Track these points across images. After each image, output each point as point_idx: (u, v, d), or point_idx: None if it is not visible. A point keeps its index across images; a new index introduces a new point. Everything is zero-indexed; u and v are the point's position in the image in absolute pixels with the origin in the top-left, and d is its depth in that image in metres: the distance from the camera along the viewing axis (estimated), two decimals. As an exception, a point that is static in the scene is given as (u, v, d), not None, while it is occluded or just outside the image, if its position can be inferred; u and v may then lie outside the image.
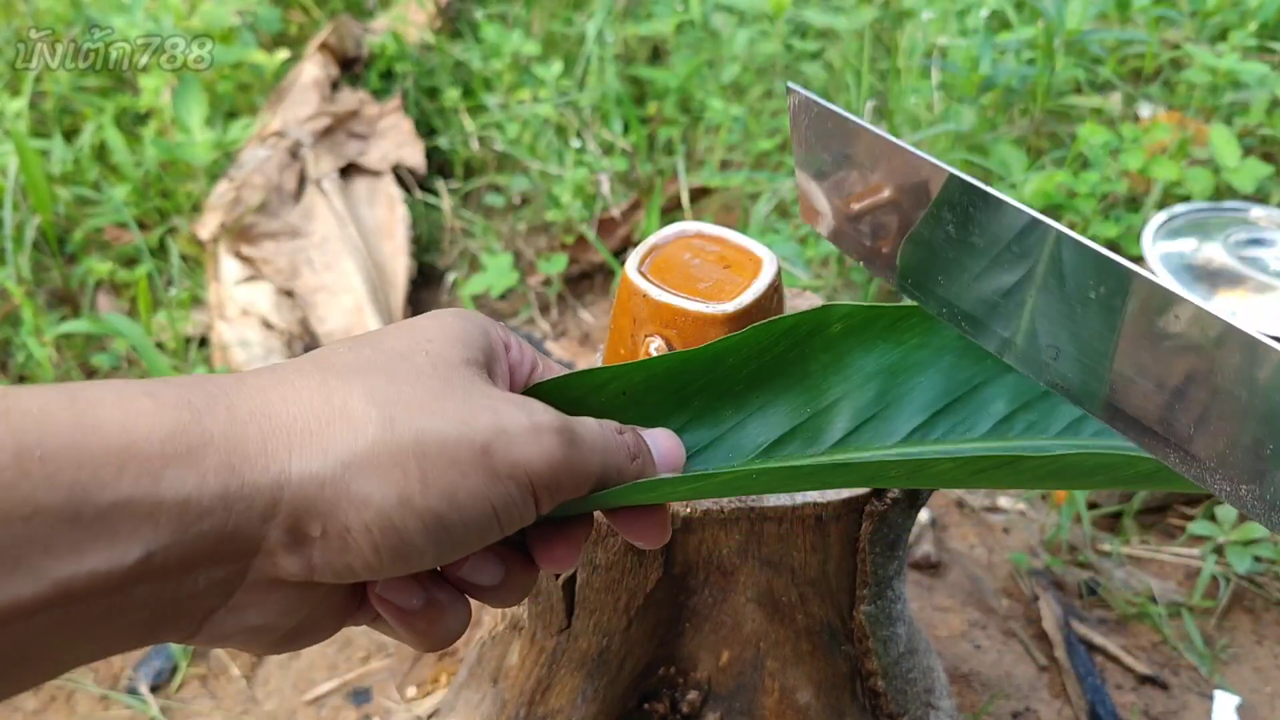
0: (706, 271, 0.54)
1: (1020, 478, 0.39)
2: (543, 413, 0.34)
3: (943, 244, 0.38)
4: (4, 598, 0.24)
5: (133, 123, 1.73)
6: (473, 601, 0.37)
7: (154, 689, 0.99)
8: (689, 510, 0.56)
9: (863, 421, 0.44)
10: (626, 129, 1.75)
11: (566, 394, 0.41)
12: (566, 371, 0.42)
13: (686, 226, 0.58)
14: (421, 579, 0.35)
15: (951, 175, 0.36)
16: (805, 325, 0.44)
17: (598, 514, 0.40)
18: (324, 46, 1.85)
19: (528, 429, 0.33)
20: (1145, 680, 0.99)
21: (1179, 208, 1.29)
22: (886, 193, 0.39)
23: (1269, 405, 0.27)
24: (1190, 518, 1.15)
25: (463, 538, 0.32)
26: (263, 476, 0.28)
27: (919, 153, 0.37)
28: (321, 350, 0.34)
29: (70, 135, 1.68)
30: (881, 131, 0.38)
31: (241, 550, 0.29)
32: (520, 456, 0.32)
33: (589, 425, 0.36)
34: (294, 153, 1.62)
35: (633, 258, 0.55)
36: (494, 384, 0.36)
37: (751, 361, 0.43)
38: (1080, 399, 0.35)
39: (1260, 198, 1.37)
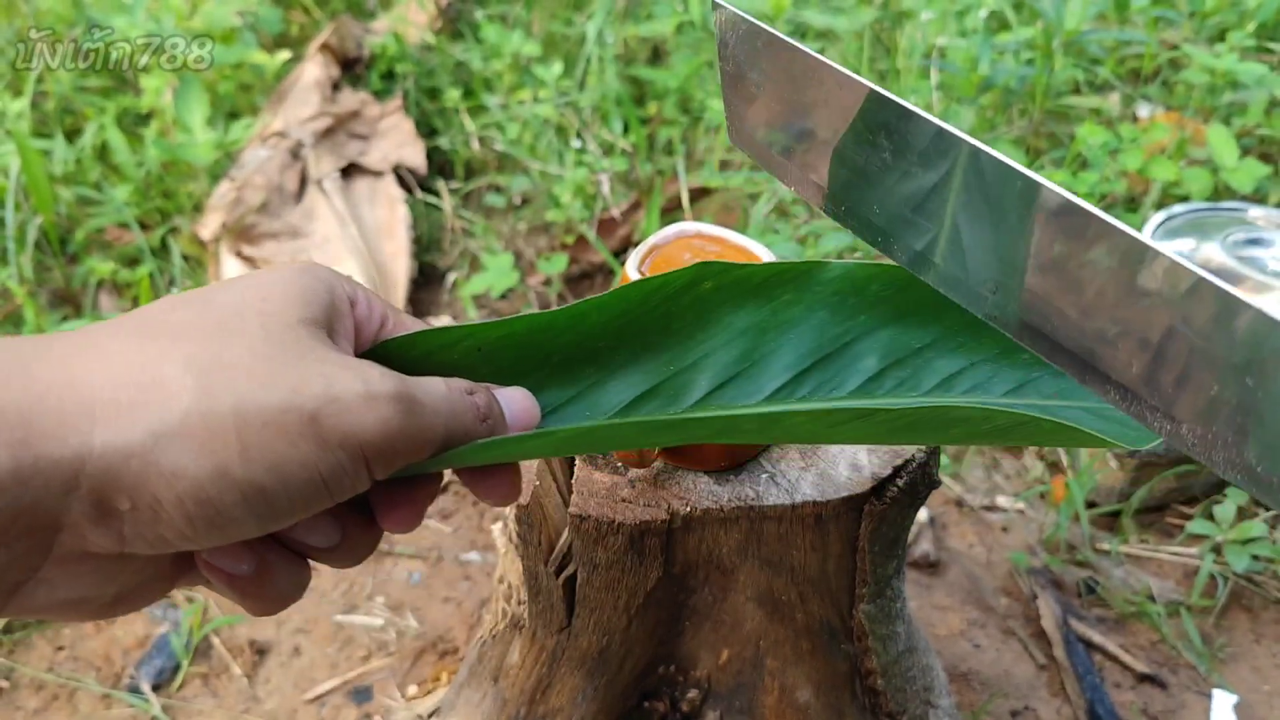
0: None
1: (876, 431, 0.39)
2: (380, 379, 0.32)
3: (872, 166, 0.37)
4: None
5: (134, 123, 1.73)
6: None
7: (156, 688, 0.99)
8: (689, 509, 0.56)
9: (727, 379, 0.43)
10: (626, 129, 1.76)
11: (416, 351, 0.40)
12: (419, 328, 0.40)
13: (686, 226, 0.59)
14: (252, 543, 0.33)
15: (874, 92, 0.35)
16: (675, 283, 0.43)
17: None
18: (325, 47, 1.85)
19: (362, 396, 0.31)
20: (1144, 679, 1.00)
21: (1177, 208, 1.29)
22: (814, 113, 0.38)
23: (1180, 320, 0.27)
24: (1189, 517, 1.15)
25: (288, 507, 0.31)
26: (60, 449, 0.27)
27: (847, 71, 0.36)
28: (148, 307, 0.32)
29: (72, 135, 1.68)
30: (809, 49, 0.37)
31: (42, 525, 0.28)
32: (353, 425, 0.31)
33: (434, 388, 0.34)
34: (295, 153, 1.63)
35: (633, 258, 0.56)
36: (334, 344, 0.34)
37: (616, 320, 0.42)
38: (1015, 332, 0.34)
39: (1258, 198, 1.37)
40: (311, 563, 0.36)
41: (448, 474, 0.39)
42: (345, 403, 0.31)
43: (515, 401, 0.39)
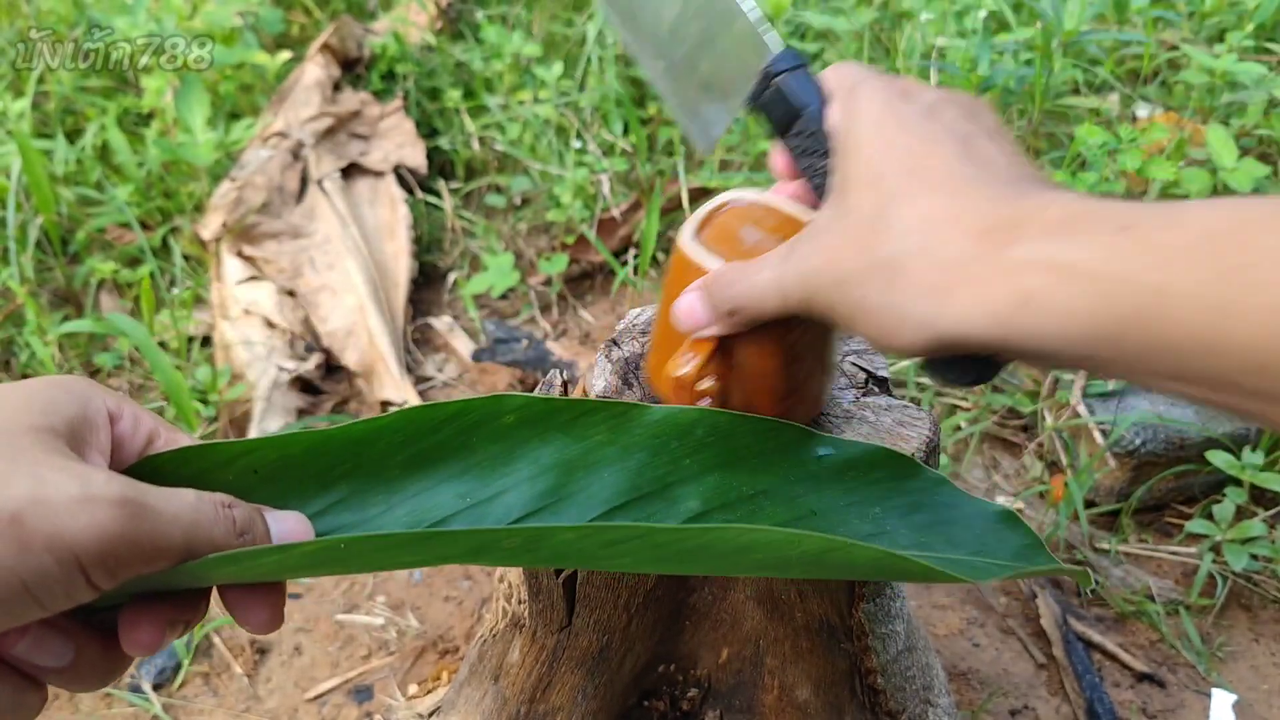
0: (764, 244, 0.48)
1: (656, 554, 0.37)
2: (104, 484, 0.31)
3: None
4: None
5: (135, 123, 1.73)
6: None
7: (157, 687, 0.99)
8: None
9: (529, 514, 0.41)
10: (627, 130, 1.76)
11: (188, 468, 0.38)
12: (189, 444, 0.39)
13: (741, 195, 0.53)
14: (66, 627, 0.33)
15: None
16: (472, 413, 0.41)
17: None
18: (326, 47, 1.86)
19: (75, 499, 0.30)
20: (1143, 678, 1.00)
21: (1177, 208, 1.29)
22: None
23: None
24: (1187, 516, 1.15)
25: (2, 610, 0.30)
26: None
27: None
28: None
29: (73, 136, 1.69)
30: None
31: None
32: (59, 528, 0.30)
33: (178, 496, 0.33)
34: (296, 153, 1.63)
35: (688, 228, 0.51)
36: (75, 455, 0.33)
37: (407, 446, 0.41)
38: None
39: (1258, 198, 1.37)
40: (50, 689, 0.35)
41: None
42: (53, 504, 0.30)
43: (288, 525, 0.37)
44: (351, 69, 1.93)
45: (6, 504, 0.29)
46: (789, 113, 0.46)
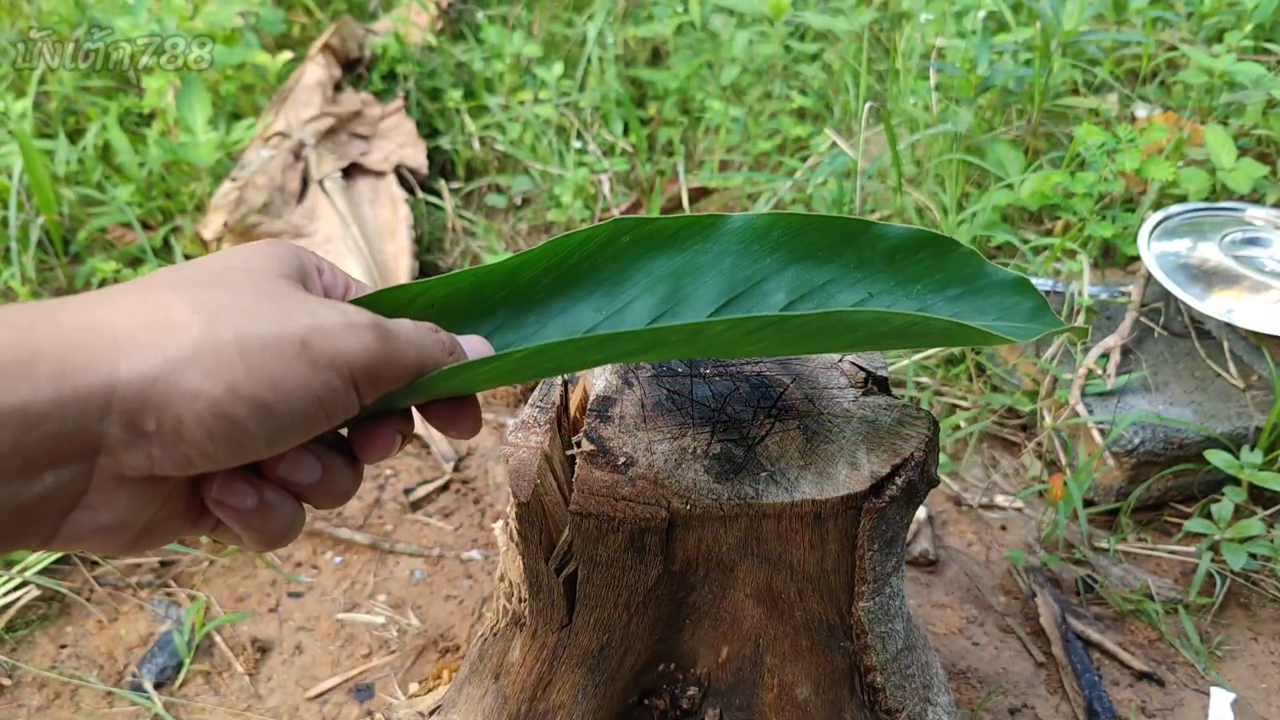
0: None
1: (787, 338, 0.45)
2: (356, 312, 0.37)
3: None
4: None
5: (136, 123, 1.74)
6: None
7: (158, 685, 0.99)
8: (688, 507, 0.56)
9: (656, 317, 0.49)
10: (627, 130, 1.76)
11: (380, 308, 0.43)
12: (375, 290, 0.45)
13: None
14: (252, 480, 0.38)
15: None
16: (597, 238, 0.48)
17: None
18: (327, 48, 1.86)
19: (343, 325, 0.35)
20: (1142, 676, 1.00)
21: (1175, 208, 1.29)
22: None
23: None
24: (1186, 515, 1.15)
25: (290, 424, 0.34)
26: (93, 379, 0.30)
27: None
28: (147, 275, 0.36)
29: (74, 136, 1.69)
30: None
31: (83, 449, 0.31)
32: (339, 349, 0.35)
33: (404, 323, 0.39)
34: (297, 153, 1.63)
35: None
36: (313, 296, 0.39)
37: (549, 273, 0.48)
38: None
39: (1256, 198, 1.37)
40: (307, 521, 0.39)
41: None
42: (329, 330, 0.35)
43: (473, 344, 0.43)
44: (352, 69, 1.93)
45: (295, 330, 0.34)
46: None
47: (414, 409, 0.43)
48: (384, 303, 0.44)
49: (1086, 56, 1.63)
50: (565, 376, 0.65)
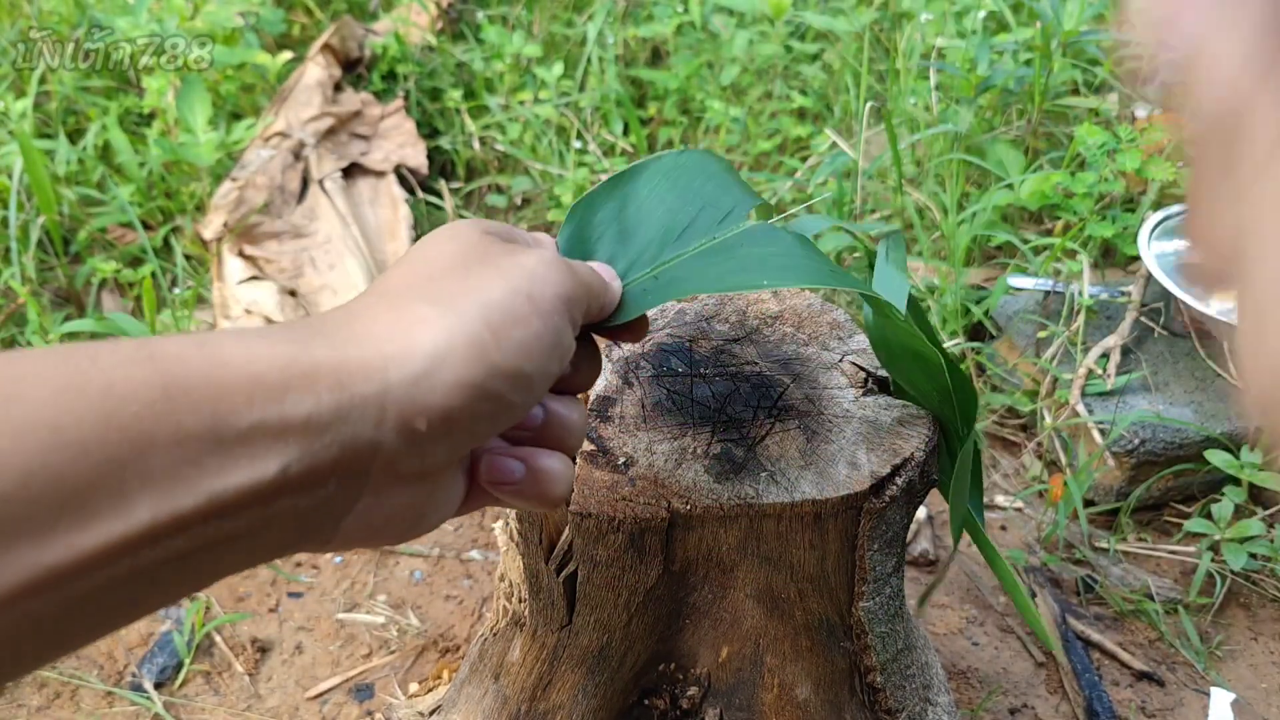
0: None
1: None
2: (544, 249, 0.41)
3: None
4: (169, 510, 0.28)
5: (137, 123, 1.74)
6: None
7: (158, 685, 0.99)
8: (688, 507, 0.56)
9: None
10: (627, 130, 1.76)
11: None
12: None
13: None
14: (513, 450, 0.41)
15: None
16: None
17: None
18: (327, 48, 1.86)
19: (544, 261, 0.39)
20: (1142, 676, 1.00)
21: (1175, 208, 1.29)
22: None
23: None
24: (1186, 515, 1.15)
25: (540, 380, 0.37)
26: (367, 387, 0.32)
27: None
28: (372, 285, 0.39)
29: (74, 136, 1.69)
30: None
31: (363, 456, 0.32)
32: (554, 286, 0.38)
33: (568, 259, 0.42)
34: (297, 153, 1.63)
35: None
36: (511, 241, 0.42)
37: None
38: None
39: (1257, 198, 1.37)
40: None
41: None
42: (540, 274, 0.38)
43: (605, 269, 0.48)
44: (352, 69, 1.93)
45: (520, 285, 0.37)
46: None
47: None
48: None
49: (1087, 56, 1.63)
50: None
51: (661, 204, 0.52)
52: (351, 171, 1.67)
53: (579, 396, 0.47)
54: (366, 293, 0.38)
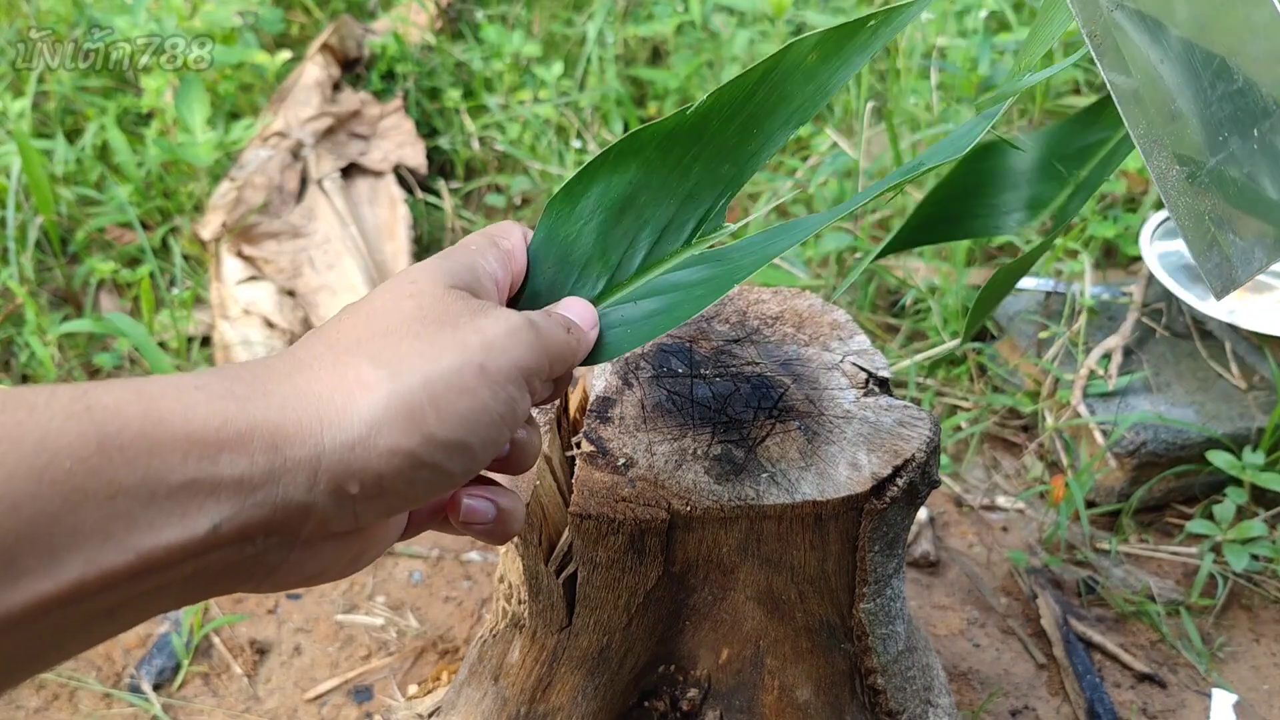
0: None
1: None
2: (511, 315, 0.39)
3: None
4: (98, 567, 0.28)
5: (135, 123, 1.73)
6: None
7: (156, 687, 0.99)
8: (689, 508, 0.56)
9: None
10: (627, 129, 1.76)
11: (565, 211, 0.48)
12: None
13: None
14: (486, 492, 0.41)
15: None
16: (781, 67, 0.46)
17: None
18: (325, 47, 1.86)
19: (506, 333, 0.38)
20: (1143, 678, 1.00)
21: (1177, 208, 1.29)
22: None
23: None
24: (1188, 516, 1.15)
25: (484, 451, 0.37)
26: (301, 450, 0.32)
27: None
28: (324, 327, 0.38)
29: (73, 135, 1.68)
30: None
31: (294, 517, 0.32)
32: (510, 360, 0.37)
33: (533, 316, 0.41)
34: (296, 153, 1.63)
35: None
36: (479, 296, 0.41)
37: (734, 118, 0.46)
38: None
39: (1258, 198, 1.37)
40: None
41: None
42: (500, 345, 0.37)
43: (575, 308, 0.46)
44: (351, 69, 1.93)
45: (472, 358, 0.36)
46: None
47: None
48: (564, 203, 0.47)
49: (1088, 56, 1.62)
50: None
51: (646, 192, 0.48)
52: (350, 171, 1.67)
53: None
54: (315, 338, 0.37)
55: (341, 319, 0.38)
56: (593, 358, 0.45)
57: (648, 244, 0.48)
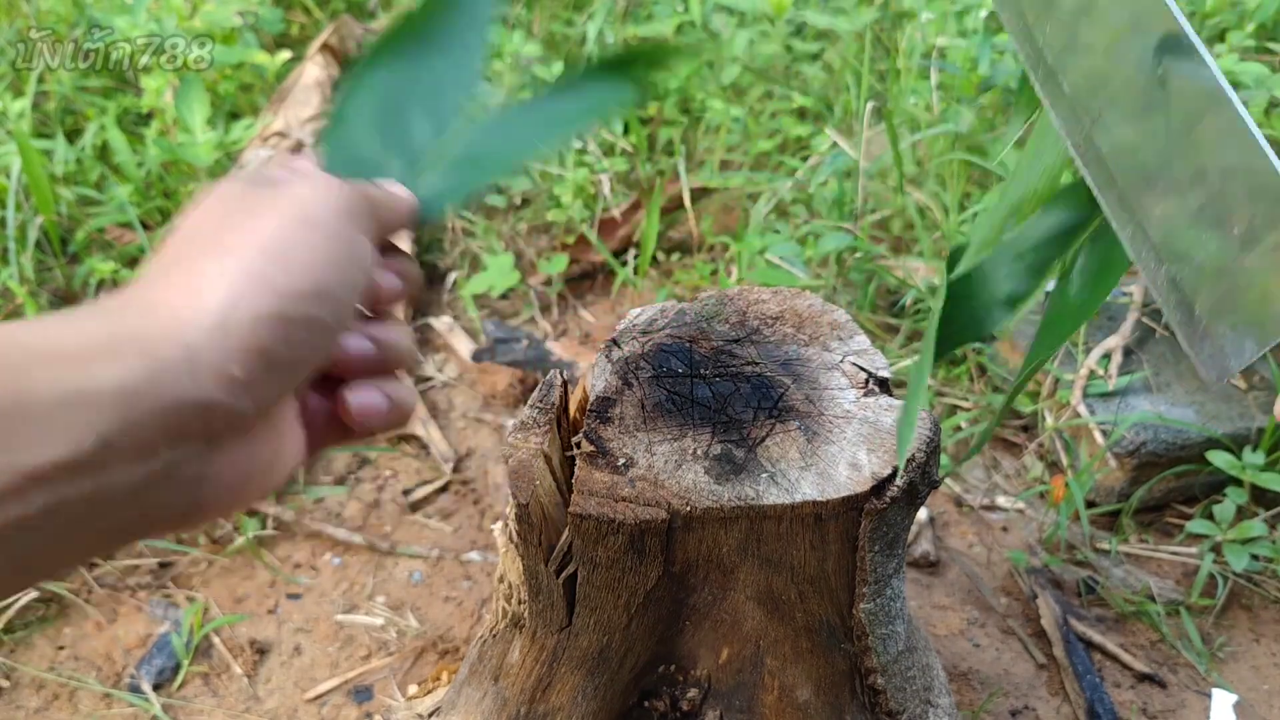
0: None
1: None
2: (316, 172, 0.41)
3: None
4: None
5: (135, 123, 1.73)
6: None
7: (156, 687, 0.99)
8: (689, 508, 0.56)
9: None
10: (627, 130, 1.76)
11: None
12: None
13: None
14: (376, 384, 0.41)
15: None
16: None
17: None
18: (326, 47, 1.85)
19: (317, 184, 0.39)
20: (1143, 678, 1.00)
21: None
22: None
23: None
24: (1188, 516, 1.15)
25: (346, 292, 0.38)
26: (173, 349, 0.32)
27: None
28: (156, 255, 0.38)
29: (73, 135, 1.68)
30: None
31: (190, 416, 0.32)
32: (327, 205, 0.38)
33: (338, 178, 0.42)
34: (296, 153, 1.63)
35: None
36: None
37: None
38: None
39: (1258, 198, 1.37)
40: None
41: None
42: (310, 196, 0.38)
43: (385, 182, 0.45)
44: (351, 69, 1.93)
45: (293, 214, 0.37)
46: None
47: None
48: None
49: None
50: (564, 376, 0.64)
51: (430, 72, 0.48)
52: (351, 171, 1.67)
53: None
54: (152, 264, 0.38)
55: (168, 242, 0.39)
56: (425, 214, 0.45)
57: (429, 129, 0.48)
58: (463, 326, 1.51)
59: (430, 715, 0.85)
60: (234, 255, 0.35)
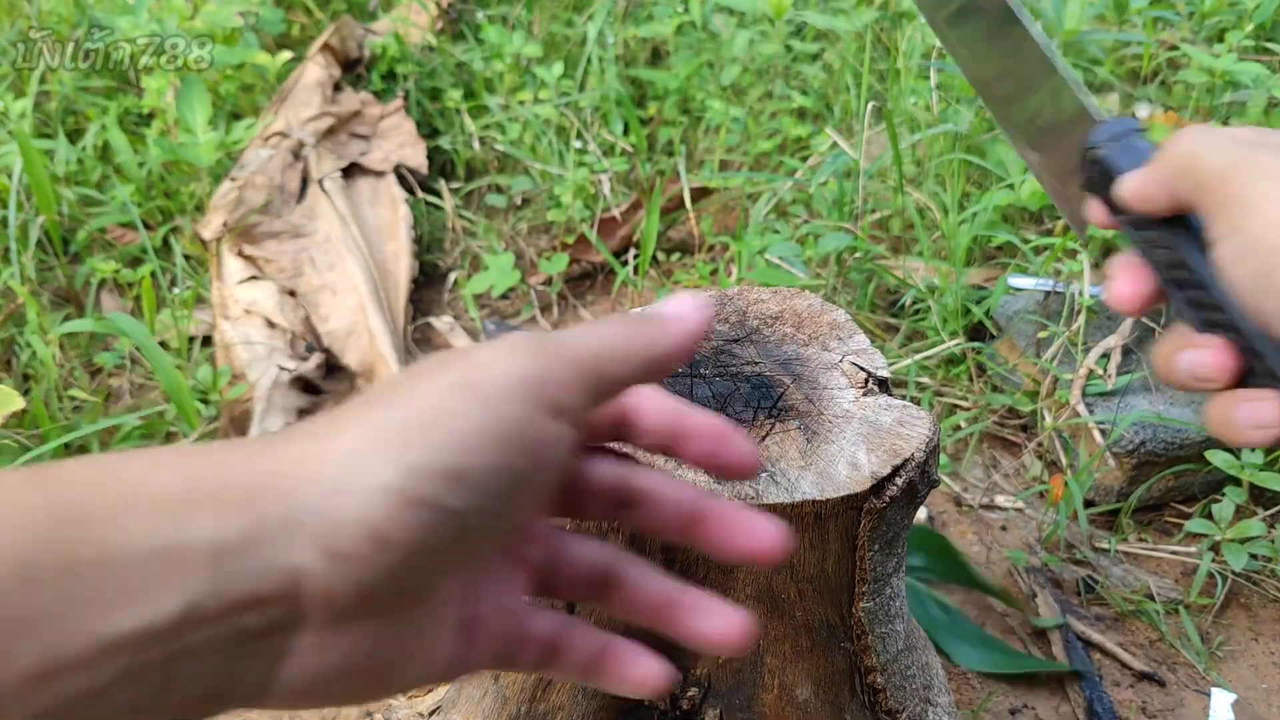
0: None
1: None
2: (514, 335, 0.35)
3: None
4: (54, 655, 0.24)
5: (136, 123, 1.74)
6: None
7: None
8: (689, 507, 0.56)
9: None
10: (627, 130, 1.76)
11: None
12: None
13: None
14: (574, 624, 0.36)
15: None
16: None
17: None
18: (326, 48, 1.86)
19: (506, 346, 0.33)
20: (1142, 677, 1.00)
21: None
22: None
23: None
24: (1187, 515, 1.15)
25: (493, 483, 0.30)
26: (277, 506, 0.28)
27: None
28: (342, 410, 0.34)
29: (74, 136, 1.69)
30: None
31: (281, 586, 0.28)
32: (503, 371, 0.32)
33: (560, 332, 0.37)
34: (296, 153, 1.63)
35: None
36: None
37: None
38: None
39: (1257, 198, 1.37)
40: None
41: None
42: (486, 360, 0.32)
43: (685, 299, 0.40)
44: (352, 69, 1.93)
45: (454, 378, 0.31)
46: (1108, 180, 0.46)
47: None
48: None
49: (1088, 56, 1.63)
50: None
51: None
52: (351, 171, 1.67)
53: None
54: (313, 419, 0.33)
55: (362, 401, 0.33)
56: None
57: None
58: (463, 326, 1.51)
59: (431, 714, 0.85)
60: (377, 411, 0.30)
